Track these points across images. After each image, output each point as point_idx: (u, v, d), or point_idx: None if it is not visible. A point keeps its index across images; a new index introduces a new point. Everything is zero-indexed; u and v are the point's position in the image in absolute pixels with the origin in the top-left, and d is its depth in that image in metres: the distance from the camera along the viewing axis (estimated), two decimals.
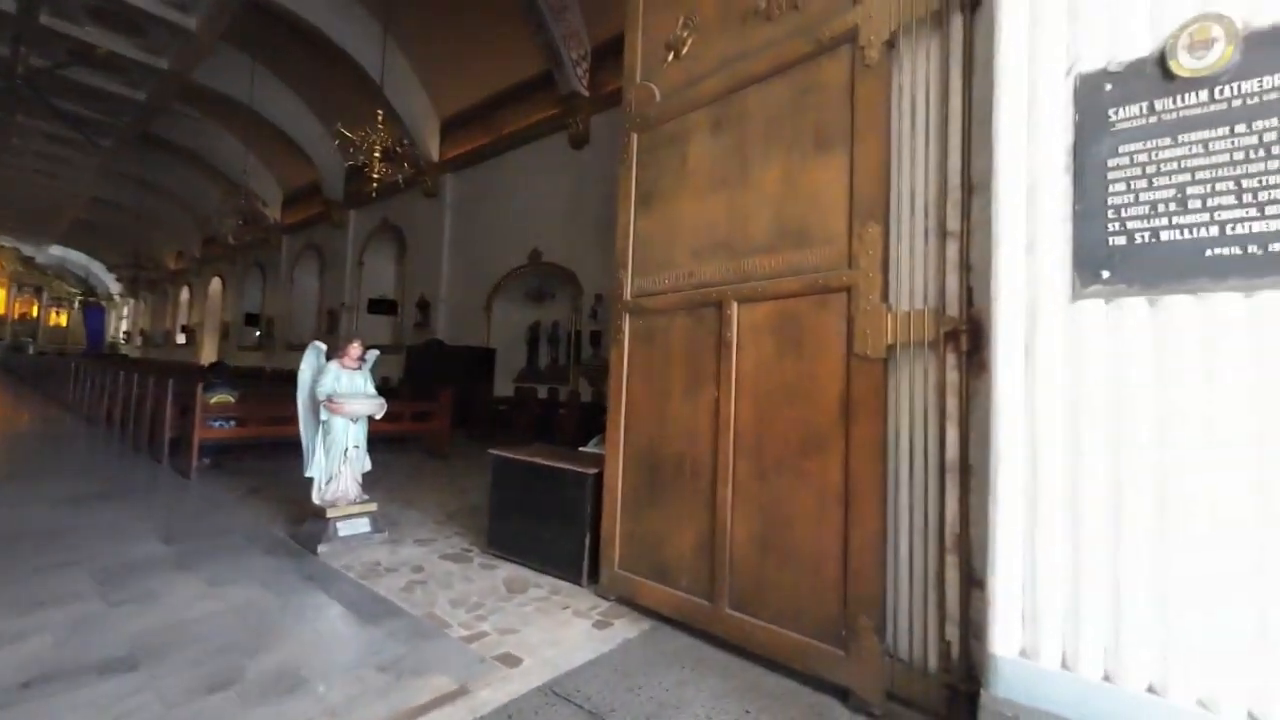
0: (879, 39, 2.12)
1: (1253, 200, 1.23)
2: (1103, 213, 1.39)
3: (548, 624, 2.54)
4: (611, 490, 2.94)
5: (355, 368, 3.66)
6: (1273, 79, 1.22)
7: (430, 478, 5.74)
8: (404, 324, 13.12)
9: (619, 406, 2.97)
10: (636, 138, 3.04)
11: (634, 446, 2.89)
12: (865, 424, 2.07)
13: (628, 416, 2.94)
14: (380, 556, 3.28)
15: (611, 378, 3.04)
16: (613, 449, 2.97)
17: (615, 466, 2.95)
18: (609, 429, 3.01)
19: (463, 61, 10.85)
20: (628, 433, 2.93)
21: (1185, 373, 1.29)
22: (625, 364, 2.98)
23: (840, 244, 2.20)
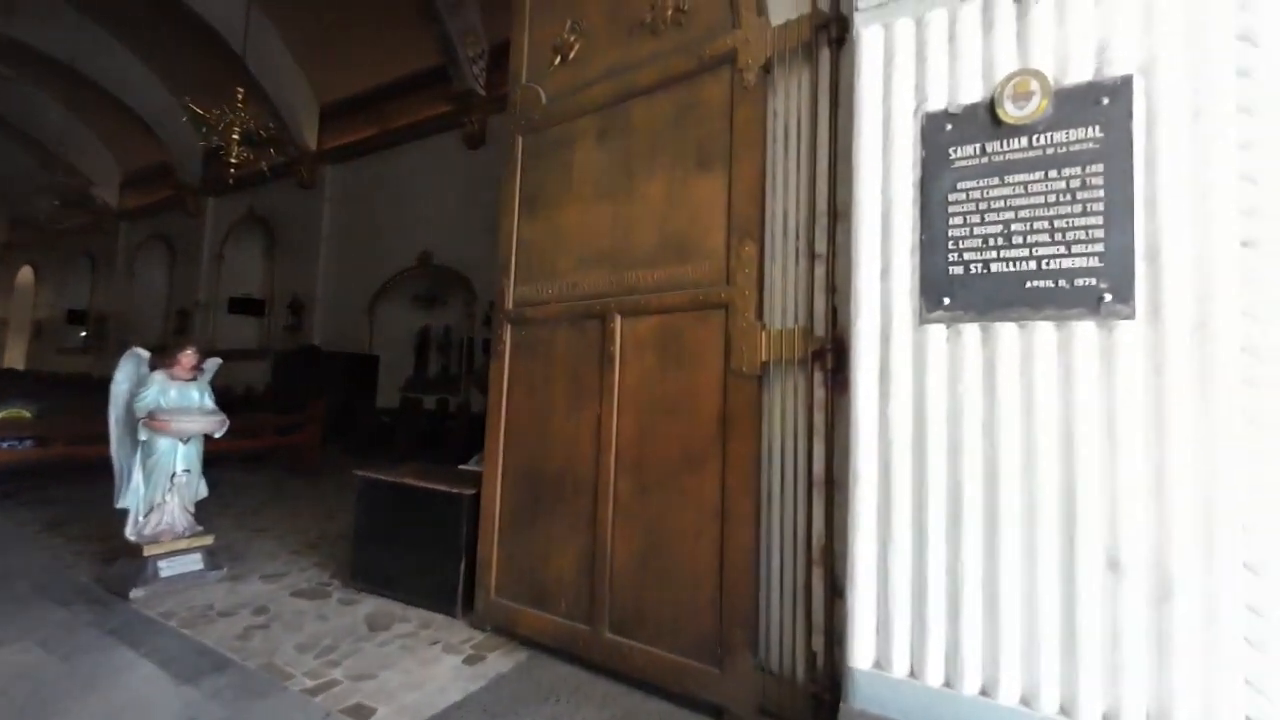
0: (756, 63, 2.18)
1: (1062, 239, 1.37)
2: (944, 244, 1.49)
3: (412, 664, 2.31)
4: (489, 511, 2.76)
5: (189, 378, 3.16)
6: (1076, 131, 1.37)
7: (292, 500, 5.15)
8: (272, 326, 11.82)
9: (499, 422, 2.81)
10: (521, 140, 2.92)
11: (514, 464, 2.74)
12: (741, 439, 2.09)
13: (508, 432, 2.79)
14: (214, 598, 2.83)
15: (491, 391, 2.86)
16: (491, 467, 2.80)
17: (494, 486, 2.77)
18: (488, 445, 2.83)
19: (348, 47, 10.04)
20: (508, 449, 2.77)
21: (1008, 393, 1.40)
22: (506, 377, 2.82)
23: (719, 261, 2.22)
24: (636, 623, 2.27)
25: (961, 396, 1.45)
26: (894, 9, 1.62)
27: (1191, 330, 1.26)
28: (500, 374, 2.84)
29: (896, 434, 1.53)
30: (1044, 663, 1.32)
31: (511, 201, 2.91)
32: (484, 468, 2.87)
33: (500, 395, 2.82)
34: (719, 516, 2.12)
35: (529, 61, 2.95)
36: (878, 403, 1.57)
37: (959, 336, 1.47)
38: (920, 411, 1.50)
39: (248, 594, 2.92)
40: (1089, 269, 1.34)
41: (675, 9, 2.44)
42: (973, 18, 1.52)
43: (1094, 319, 1.33)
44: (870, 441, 1.57)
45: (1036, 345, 1.39)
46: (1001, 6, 1.48)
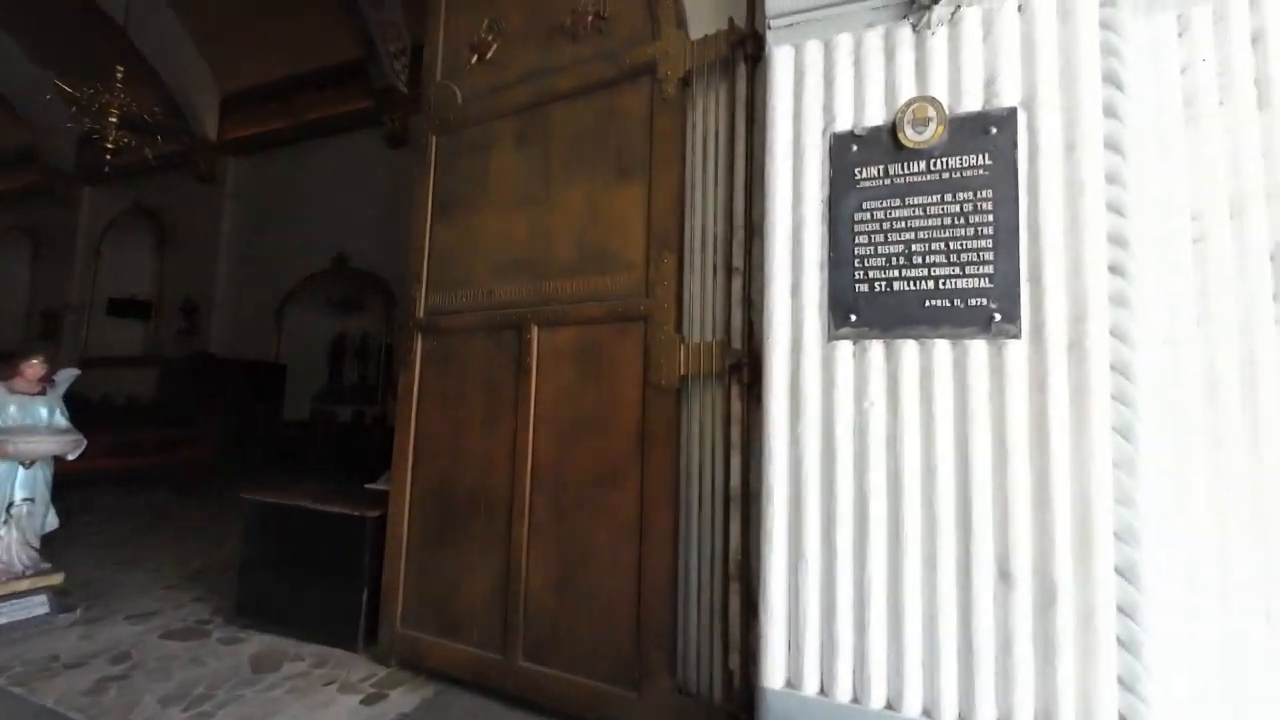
0: (675, 75, 2.17)
1: (957, 260, 1.42)
2: (851, 262, 1.52)
3: (301, 709, 2.09)
4: (396, 535, 2.57)
5: (35, 392, 2.75)
6: (969, 158, 1.44)
7: (176, 526, 4.62)
8: (161, 331, 10.71)
9: (407, 438, 2.62)
10: (436, 140, 2.77)
11: (425, 483, 2.57)
12: (660, 454, 2.05)
13: (418, 449, 2.61)
14: (61, 647, 2.45)
15: (399, 405, 2.68)
16: (399, 486, 2.61)
17: (401, 506, 2.58)
18: (395, 463, 2.64)
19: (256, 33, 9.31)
20: (418, 467, 2.59)
21: (910, 409, 1.43)
22: (416, 389, 2.65)
23: (639, 272, 2.18)
24: (553, 649, 2.17)
25: (867, 412, 1.48)
26: (803, 30, 1.65)
27: (1067, 349, 1.34)
28: (410, 386, 2.66)
29: (807, 449, 1.53)
30: (944, 673, 1.36)
31: (424, 204, 2.75)
32: (393, 481, 2.67)
33: (410, 409, 2.64)
34: (638, 534, 2.06)
35: (444, 58, 2.81)
36: (789, 418, 1.57)
37: (865, 353, 1.50)
38: (829, 427, 1.52)
39: (105, 639, 2.55)
40: (981, 290, 1.40)
41: (596, 15, 2.39)
42: (876, 44, 1.57)
43: (985, 338, 1.39)
44: (782, 457, 1.57)
45: (935, 362, 1.43)
46: (902, 35, 1.54)
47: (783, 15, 1.66)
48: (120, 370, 10.71)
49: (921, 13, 1.50)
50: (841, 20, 1.61)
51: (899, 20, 1.55)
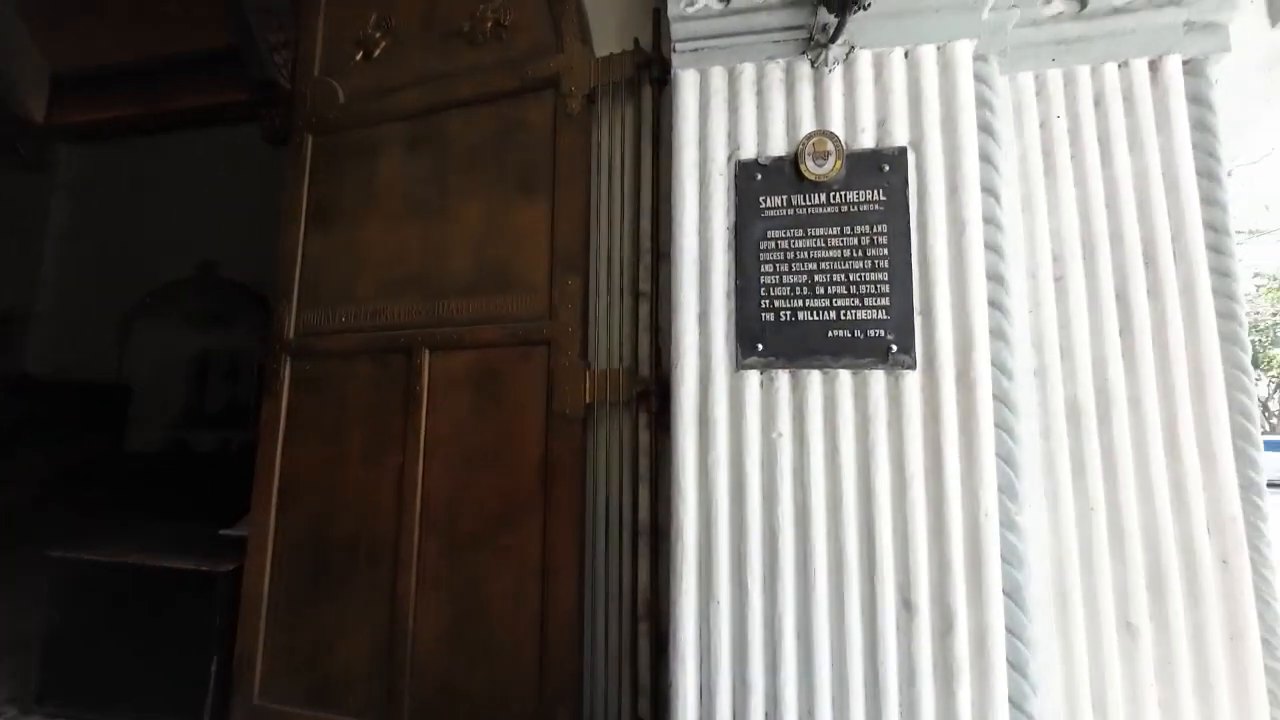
0: (580, 91, 2.09)
1: (857, 292, 1.45)
2: (757, 291, 1.50)
3: None
4: (254, 592, 2.21)
5: None
6: (866, 193, 1.48)
7: None
8: None
9: (271, 476, 2.29)
10: (313, 140, 2.49)
11: (292, 529, 2.24)
12: (564, 488, 1.92)
13: (284, 490, 2.28)
14: None
15: (262, 439, 2.33)
16: (259, 534, 2.26)
17: (262, 558, 2.23)
18: (255, 508, 2.29)
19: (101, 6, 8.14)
20: (283, 511, 2.26)
21: (816, 440, 1.43)
22: (283, 420, 2.32)
23: (542, 294, 2.06)
24: (445, 710, 1.94)
25: (775, 443, 1.45)
26: (708, 56, 1.64)
27: (956, 379, 1.39)
28: (275, 418, 2.33)
29: (717, 483, 1.48)
30: (854, 707, 1.34)
31: (297, 211, 2.46)
32: (251, 530, 2.31)
33: (274, 444, 2.31)
34: (540, 575, 1.91)
35: (324, 51, 2.55)
36: (697, 450, 1.52)
37: (772, 383, 1.48)
38: (738, 459, 1.48)
39: None
40: (879, 321, 1.43)
41: (496, 23, 2.27)
42: (777, 76, 1.59)
43: (884, 368, 1.42)
44: (691, 491, 1.51)
45: (838, 392, 1.44)
46: (801, 70, 1.57)
47: (688, 40, 1.64)
48: None
49: (819, 50, 1.54)
50: (744, 50, 1.61)
51: (799, 55, 1.58)
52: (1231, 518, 1.35)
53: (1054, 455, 1.46)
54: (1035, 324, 1.51)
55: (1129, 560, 1.39)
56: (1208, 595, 1.35)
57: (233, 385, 8.97)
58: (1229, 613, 1.34)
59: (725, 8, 1.61)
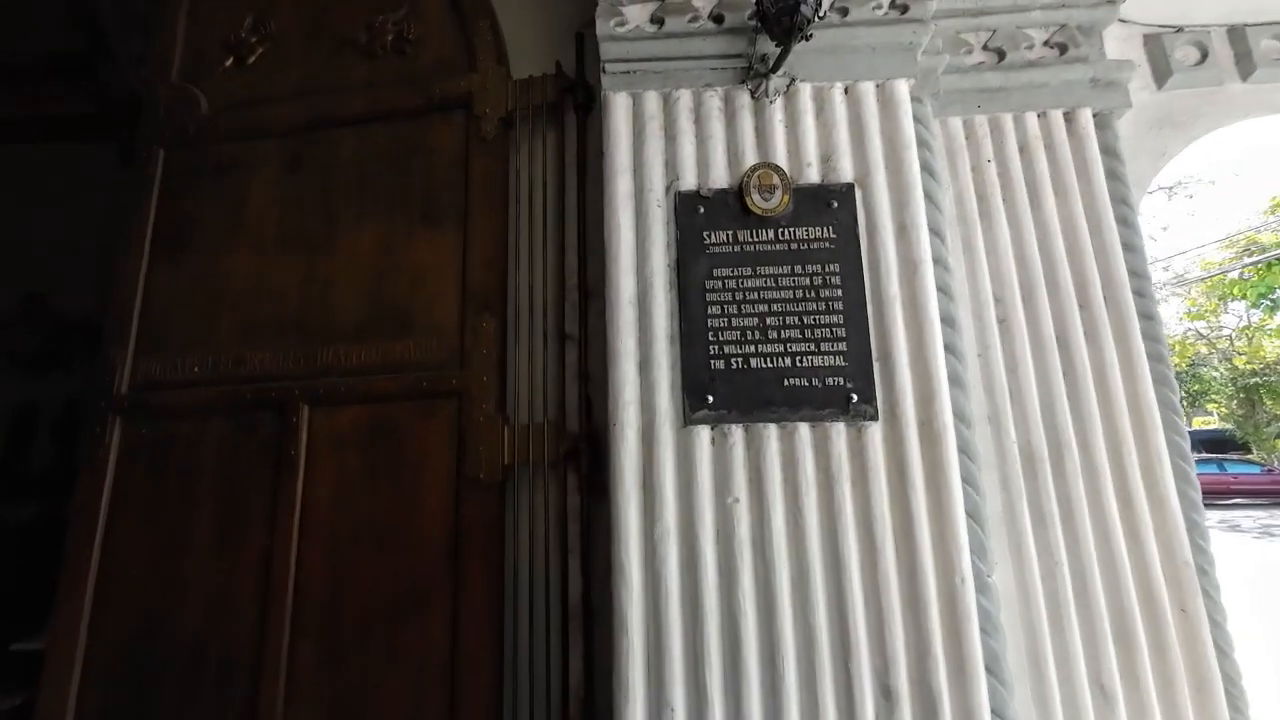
0: (495, 114, 1.88)
1: (811, 336, 1.32)
2: (704, 335, 1.34)
3: None
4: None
5: None
6: (815, 229, 1.38)
7: None
8: None
9: (84, 572, 1.77)
10: (164, 155, 2.07)
11: (111, 638, 1.72)
12: (479, 568, 1.61)
13: (102, 587, 1.76)
14: None
15: (74, 525, 1.81)
16: (64, 647, 1.72)
17: (65, 683, 1.69)
18: (58, 614, 1.75)
19: None
20: (100, 614, 1.74)
21: (776, 504, 1.25)
22: (106, 499, 1.82)
23: (451, 337, 1.78)
24: None
25: (731, 510, 1.26)
26: (641, 80, 1.50)
27: (919, 430, 1.29)
28: (96, 496, 1.82)
29: (666, 559, 1.26)
30: None
31: (140, 236, 2.01)
32: (49, 649, 1.75)
33: (92, 529, 1.79)
34: (448, 676, 1.56)
35: (185, 53, 2.16)
36: (641, 521, 1.29)
37: (725, 439, 1.30)
38: (690, 530, 1.27)
39: None
40: (836, 368, 1.31)
41: (398, 35, 2.03)
42: (715, 104, 1.48)
43: (845, 420, 1.29)
44: (635, 569, 1.27)
45: (798, 449, 1.29)
46: (742, 100, 1.47)
47: (619, 61, 1.49)
48: None
49: (759, 80, 1.45)
50: (679, 76, 1.49)
51: (737, 85, 1.47)
52: (1185, 563, 1.33)
53: (1014, 506, 1.39)
54: (985, 368, 1.46)
55: (1095, 616, 1.32)
56: (1171, 646, 1.30)
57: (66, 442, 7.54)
58: (1191, 662, 1.30)
59: (658, 30, 1.49)
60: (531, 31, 2.01)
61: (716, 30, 1.47)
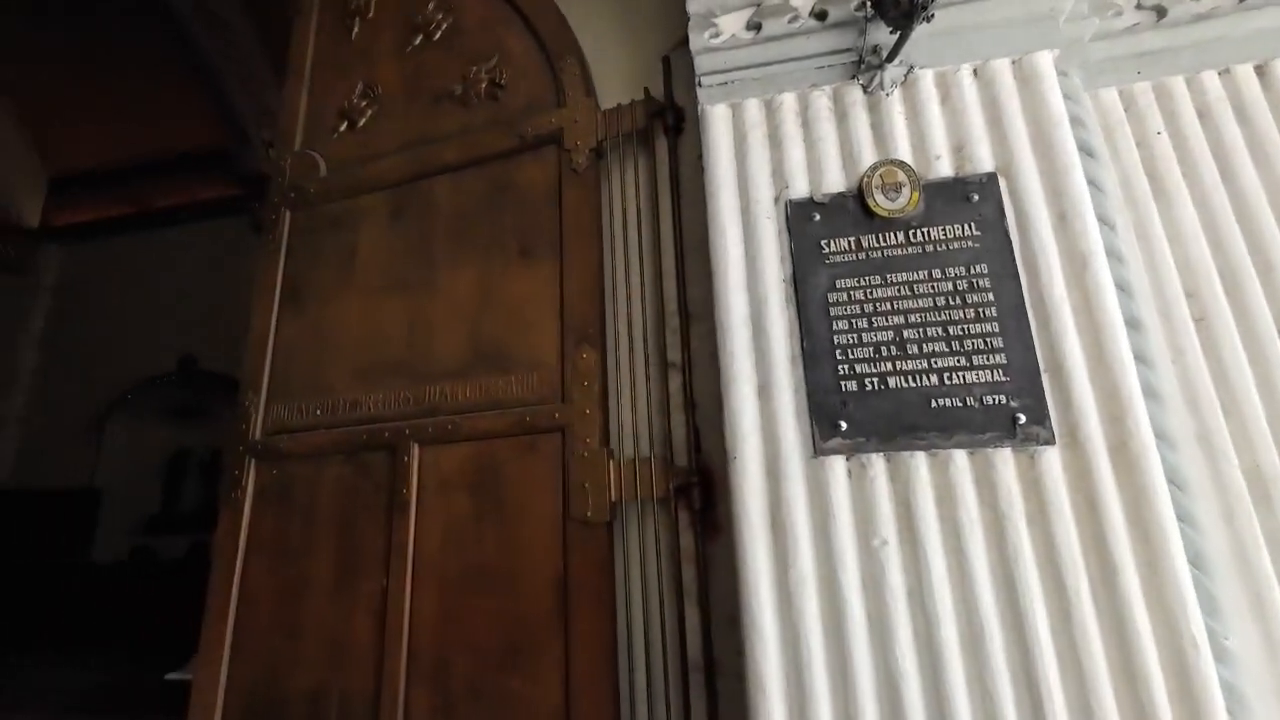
0: (586, 145, 1.88)
1: (961, 348, 1.14)
2: (831, 354, 1.19)
3: None
4: None
5: None
6: (952, 228, 1.21)
7: None
8: None
9: (225, 611, 1.85)
10: (290, 216, 2.24)
11: (243, 681, 1.78)
12: (589, 616, 1.52)
13: (239, 627, 1.84)
14: None
15: (217, 563, 1.92)
16: (207, 689, 1.80)
17: (210, 714, 1.76)
18: (203, 654, 1.84)
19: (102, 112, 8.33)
20: (235, 656, 1.81)
21: (933, 546, 1.07)
22: (244, 539, 1.92)
23: (551, 371, 1.74)
24: None
25: (879, 553, 1.09)
26: (740, 89, 1.42)
27: (1110, 455, 1.06)
28: (234, 534, 1.93)
29: (804, 611, 1.10)
30: None
31: (270, 292, 2.17)
32: (195, 682, 1.84)
33: (231, 568, 1.89)
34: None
35: (306, 124, 2.36)
36: (773, 566, 1.14)
37: (863, 471, 1.14)
38: (831, 577, 1.10)
39: None
40: (995, 384, 1.11)
41: (491, 82, 2.10)
42: (824, 105, 1.36)
43: (1011, 444, 1.09)
44: (769, 622, 1.12)
45: (955, 480, 1.10)
46: (853, 96, 1.34)
47: (716, 73, 1.42)
48: None
49: (872, 73, 1.32)
50: (781, 79, 1.40)
51: (846, 81, 1.35)
52: None
53: (1245, 547, 1.10)
54: (1183, 376, 1.20)
55: None
56: None
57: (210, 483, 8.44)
58: None
59: (756, 36, 1.41)
60: (617, 62, 2.01)
61: (820, 27, 1.37)
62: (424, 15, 2.29)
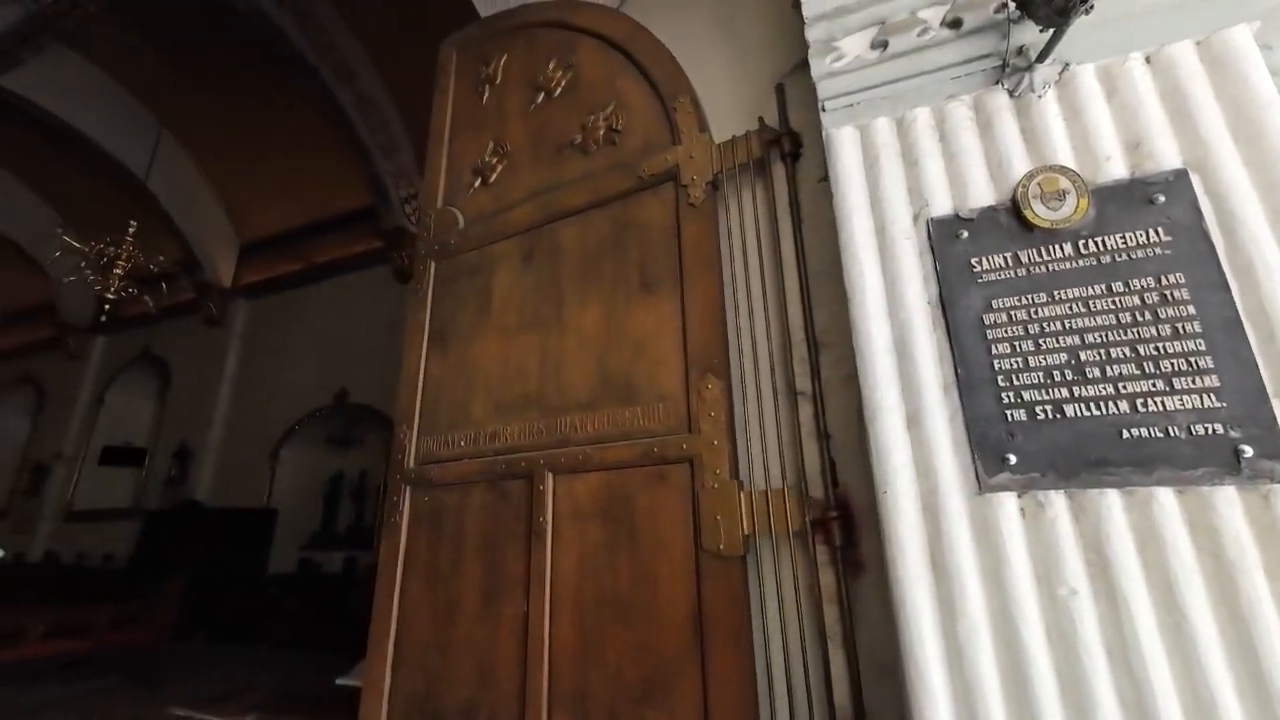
0: (702, 179, 1.92)
1: (1156, 370, 1.00)
2: (992, 380, 1.09)
3: None
4: None
5: None
6: (1134, 235, 1.07)
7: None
8: (150, 480, 10.18)
9: (387, 626, 2.04)
10: (434, 266, 2.50)
11: (406, 692, 1.94)
12: (726, 652, 1.48)
13: (399, 642, 2.02)
14: None
15: (380, 581, 2.12)
16: (373, 697, 1.98)
17: None
18: (370, 665, 2.03)
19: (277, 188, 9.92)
20: (397, 669, 1.98)
21: (1139, 599, 0.92)
22: (401, 559, 2.11)
23: (677, 402, 1.76)
24: None
25: (1068, 603, 0.96)
26: (867, 109, 1.38)
27: None
28: (394, 555, 2.13)
29: (979, 669, 0.99)
30: None
31: (419, 335, 2.42)
32: (364, 691, 2.04)
33: (392, 586, 2.09)
34: None
35: (446, 184, 2.64)
36: (938, 615, 1.05)
37: (1040, 511, 1.02)
38: (1008, 627, 0.99)
39: None
40: (1208, 411, 0.96)
41: (608, 129, 2.22)
42: (963, 115, 1.28)
43: (1235, 482, 0.92)
44: (937, 680, 1.03)
45: (1160, 522, 0.95)
46: (997, 103, 1.26)
47: (840, 96, 1.40)
48: (104, 524, 10.05)
49: (1019, 77, 1.23)
50: (912, 95, 1.34)
51: (989, 87, 1.27)
52: None
53: None
54: None
55: None
56: None
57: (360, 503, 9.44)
58: None
59: (882, 54, 1.37)
60: (730, 95, 2.05)
61: (954, 36, 1.30)
62: (545, 75, 2.49)
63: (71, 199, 10.18)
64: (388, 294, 8.98)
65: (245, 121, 9.22)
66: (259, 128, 9.24)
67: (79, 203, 10.07)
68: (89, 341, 11.89)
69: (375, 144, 8.60)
